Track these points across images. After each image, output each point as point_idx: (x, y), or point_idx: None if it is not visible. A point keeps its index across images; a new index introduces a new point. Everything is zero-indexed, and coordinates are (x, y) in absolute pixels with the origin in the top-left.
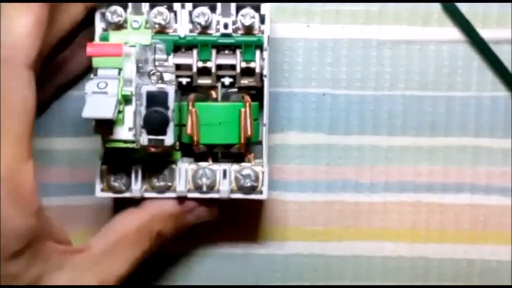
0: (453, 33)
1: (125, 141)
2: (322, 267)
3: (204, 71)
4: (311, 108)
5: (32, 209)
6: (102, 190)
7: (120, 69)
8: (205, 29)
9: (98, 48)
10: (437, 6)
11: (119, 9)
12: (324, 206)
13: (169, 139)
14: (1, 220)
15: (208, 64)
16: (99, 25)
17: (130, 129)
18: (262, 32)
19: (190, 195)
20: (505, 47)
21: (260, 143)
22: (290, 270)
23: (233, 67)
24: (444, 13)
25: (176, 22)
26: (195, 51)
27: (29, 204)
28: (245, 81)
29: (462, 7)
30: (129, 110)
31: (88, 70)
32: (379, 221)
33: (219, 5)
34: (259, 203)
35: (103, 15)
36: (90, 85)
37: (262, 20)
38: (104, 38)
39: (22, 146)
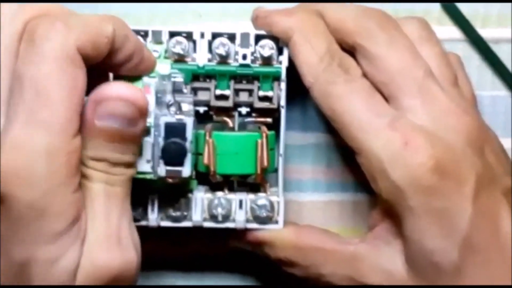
0: (453, 32)
1: (143, 173)
2: None
3: (221, 98)
4: (311, 108)
5: (75, 184)
6: None
7: None
8: (224, 59)
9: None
10: (436, 5)
11: (139, 39)
12: (323, 206)
13: (186, 170)
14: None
15: (226, 92)
16: None
17: (148, 161)
18: (280, 63)
19: (205, 224)
20: (505, 47)
21: (276, 171)
22: None
23: (250, 92)
24: (444, 13)
25: (195, 51)
26: (213, 81)
27: (73, 180)
28: (262, 105)
29: (462, 7)
30: (147, 142)
31: None
32: None
33: (238, 35)
34: None
35: None
36: None
37: (280, 50)
38: None
39: (70, 121)
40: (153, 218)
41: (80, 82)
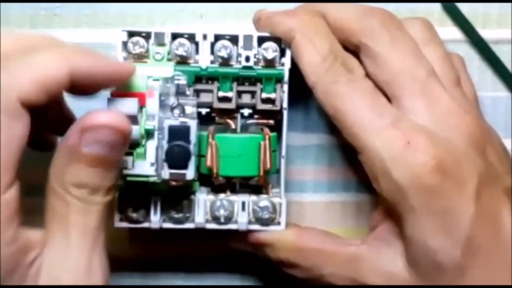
0: (454, 33)
1: (146, 176)
2: None
3: (224, 100)
4: (313, 109)
5: (6, 238)
6: (120, 220)
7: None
8: (225, 61)
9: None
10: (437, 6)
11: (141, 40)
12: (325, 207)
13: (190, 173)
14: None
15: (229, 94)
16: (120, 55)
17: (152, 164)
18: (283, 65)
19: (208, 226)
20: (505, 47)
21: (278, 172)
22: None
23: (253, 94)
24: (444, 13)
25: (197, 53)
26: (216, 83)
27: (5, 233)
28: (265, 106)
29: (462, 7)
30: (151, 145)
31: None
32: None
33: (241, 37)
34: None
35: (124, 45)
36: None
37: (282, 52)
38: None
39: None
40: (156, 220)
41: (16, 135)
